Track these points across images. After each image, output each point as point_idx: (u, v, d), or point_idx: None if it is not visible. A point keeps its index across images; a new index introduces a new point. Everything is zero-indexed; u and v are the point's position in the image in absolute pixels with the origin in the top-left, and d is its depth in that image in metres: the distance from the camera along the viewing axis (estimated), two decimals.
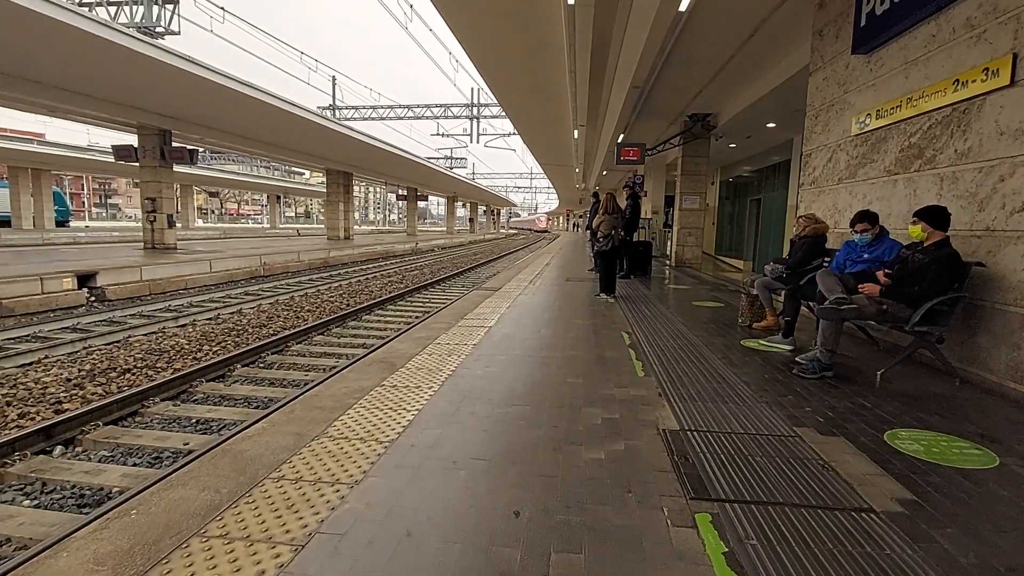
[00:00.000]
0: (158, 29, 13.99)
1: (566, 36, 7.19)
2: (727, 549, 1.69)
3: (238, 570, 1.56)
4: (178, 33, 13.94)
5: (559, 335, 4.85)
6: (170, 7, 13.67)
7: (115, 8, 13.88)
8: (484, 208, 70.59)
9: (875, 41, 4.80)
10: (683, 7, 5.80)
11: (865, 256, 4.15)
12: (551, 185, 50.18)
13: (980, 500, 2.06)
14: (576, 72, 8.66)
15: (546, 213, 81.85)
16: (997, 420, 2.93)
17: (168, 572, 1.56)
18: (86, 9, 13.49)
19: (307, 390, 3.77)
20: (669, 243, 15.03)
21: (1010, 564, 1.67)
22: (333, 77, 25.39)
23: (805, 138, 6.37)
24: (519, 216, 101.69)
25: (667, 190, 19.25)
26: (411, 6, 14.17)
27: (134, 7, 13.77)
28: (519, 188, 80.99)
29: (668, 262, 14.13)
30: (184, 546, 1.67)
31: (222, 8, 13.20)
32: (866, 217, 4.09)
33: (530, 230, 73.51)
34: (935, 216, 3.46)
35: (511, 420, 2.77)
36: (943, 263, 3.36)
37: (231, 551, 1.65)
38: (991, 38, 3.58)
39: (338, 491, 2.01)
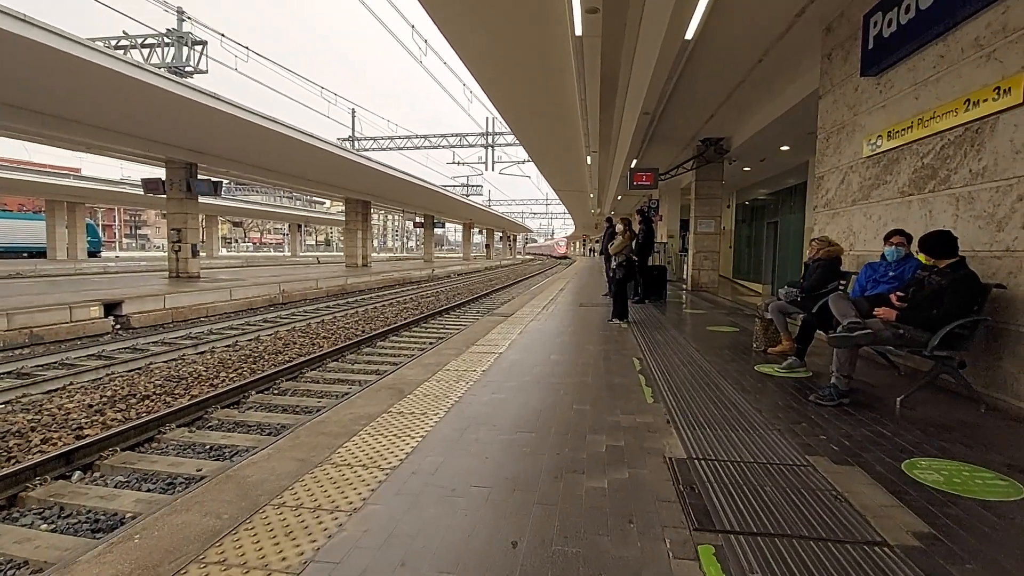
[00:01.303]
0: (187, 68, 14.70)
1: (575, 65, 7.34)
2: None
3: None
4: (206, 72, 14.65)
5: (569, 361, 4.81)
6: (198, 48, 14.41)
7: (147, 50, 14.66)
8: (500, 234, 71.15)
9: (884, 63, 4.81)
10: (689, 35, 5.89)
11: (890, 274, 4.07)
12: (567, 211, 50.46)
13: (1004, 534, 1.96)
14: (586, 100, 8.80)
15: (565, 238, 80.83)
16: None
17: None
18: (121, 52, 14.28)
19: (315, 417, 3.79)
20: (685, 267, 14.91)
21: None
22: (353, 110, 26.23)
23: (817, 160, 6.35)
24: (536, 242, 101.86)
25: (683, 214, 19.20)
26: (426, 41, 14.59)
27: (165, 49, 14.53)
28: (535, 214, 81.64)
29: (684, 286, 14.00)
30: (182, 572, 1.68)
31: (246, 48, 13.84)
32: (902, 232, 4.05)
33: (548, 256, 72.76)
34: (934, 247, 3.40)
35: (515, 447, 2.75)
36: (960, 285, 3.28)
37: None
38: (1001, 57, 3.56)
39: (336, 518, 2.00)
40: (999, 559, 1.79)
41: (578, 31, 6.01)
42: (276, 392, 6.07)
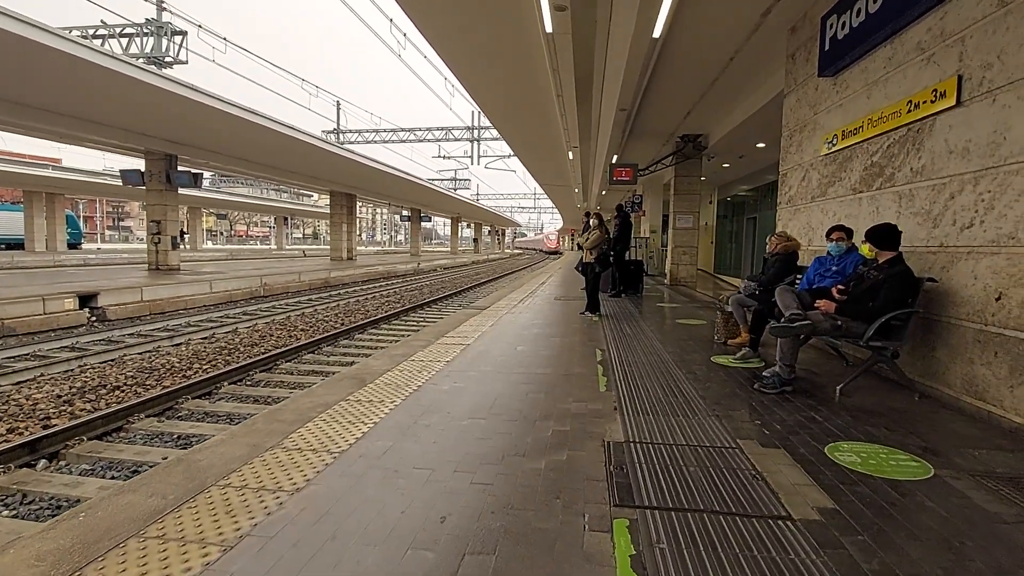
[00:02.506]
0: (167, 59, 14.53)
1: (548, 61, 7.42)
2: (635, 552, 1.76)
3: (167, 567, 1.66)
4: (186, 62, 14.48)
5: (534, 352, 4.93)
6: (178, 39, 14.25)
7: (127, 40, 14.46)
8: (488, 228, 71.09)
9: (839, 64, 4.96)
10: (657, 34, 6.00)
11: (833, 269, 4.25)
12: (554, 206, 50.54)
13: (902, 509, 2.11)
14: (563, 95, 8.89)
15: (556, 231, 78.14)
16: (945, 434, 2.97)
17: (101, 568, 1.66)
18: (99, 42, 14.09)
19: (274, 405, 3.87)
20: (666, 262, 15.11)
21: (914, 571, 1.72)
22: (338, 102, 26.04)
23: (781, 158, 6.52)
24: (525, 236, 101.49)
25: (665, 209, 19.38)
26: (404, 35, 14.56)
27: (144, 38, 14.35)
28: (523, 209, 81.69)
29: (664, 281, 14.20)
30: (121, 546, 1.77)
31: (224, 39, 13.72)
32: (842, 228, 4.23)
33: (538, 250, 71.03)
34: (879, 238, 3.56)
35: (464, 433, 2.86)
36: (896, 279, 3.44)
37: (164, 551, 1.75)
38: (939, 60, 3.71)
39: (278, 498, 2.10)
40: (889, 531, 1.94)
41: (548, 28, 6.10)
42: (249, 383, 6.14)
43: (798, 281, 4.97)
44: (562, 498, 2.12)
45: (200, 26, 13.41)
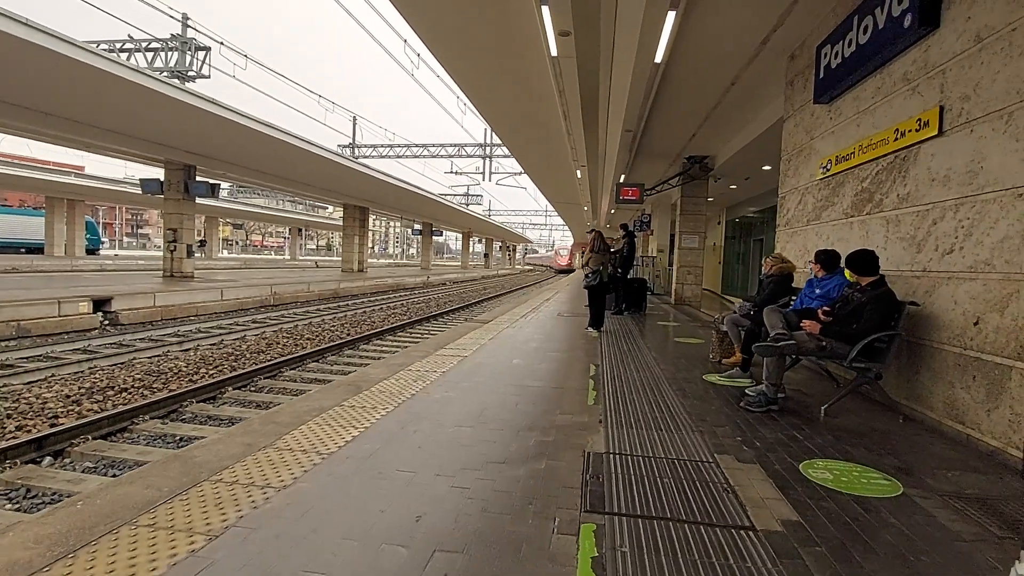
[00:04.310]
0: (190, 73, 15.05)
1: (554, 83, 7.63)
2: (597, 554, 1.85)
3: (154, 552, 1.77)
4: (208, 77, 15.00)
5: (529, 366, 5.03)
6: (201, 54, 14.79)
7: (152, 54, 15.03)
8: (499, 244, 71.41)
9: (833, 91, 5.09)
10: (658, 59, 6.18)
11: (817, 292, 4.34)
12: (564, 223, 50.73)
13: (864, 524, 2.17)
14: (569, 116, 9.09)
15: (569, 247, 73.80)
16: (923, 455, 3.01)
17: (94, 551, 1.78)
18: (125, 56, 14.64)
19: (270, 408, 4.00)
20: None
21: None
22: (354, 117, 26.62)
23: (780, 181, 6.62)
24: (536, 252, 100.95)
25: (673, 229, 19.48)
26: (419, 55, 15.01)
27: (169, 53, 14.90)
28: (535, 225, 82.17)
29: (670, 300, 14.23)
30: (114, 532, 1.90)
31: (245, 55, 14.22)
32: (825, 253, 4.34)
33: (548, 267, 68.53)
34: (857, 264, 3.66)
35: (450, 440, 2.96)
36: (878, 302, 3.51)
37: (153, 538, 1.86)
38: (923, 91, 3.82)
39: (265, 493, 2.22)
40: (849, 544, 2.00)
41: (553, 52, 6.31)
42: (253, 389, 6.28)
43: (793, 302, 5.05)
44: (535, 504, 2.21)
45: (222, 43, 13.93)
